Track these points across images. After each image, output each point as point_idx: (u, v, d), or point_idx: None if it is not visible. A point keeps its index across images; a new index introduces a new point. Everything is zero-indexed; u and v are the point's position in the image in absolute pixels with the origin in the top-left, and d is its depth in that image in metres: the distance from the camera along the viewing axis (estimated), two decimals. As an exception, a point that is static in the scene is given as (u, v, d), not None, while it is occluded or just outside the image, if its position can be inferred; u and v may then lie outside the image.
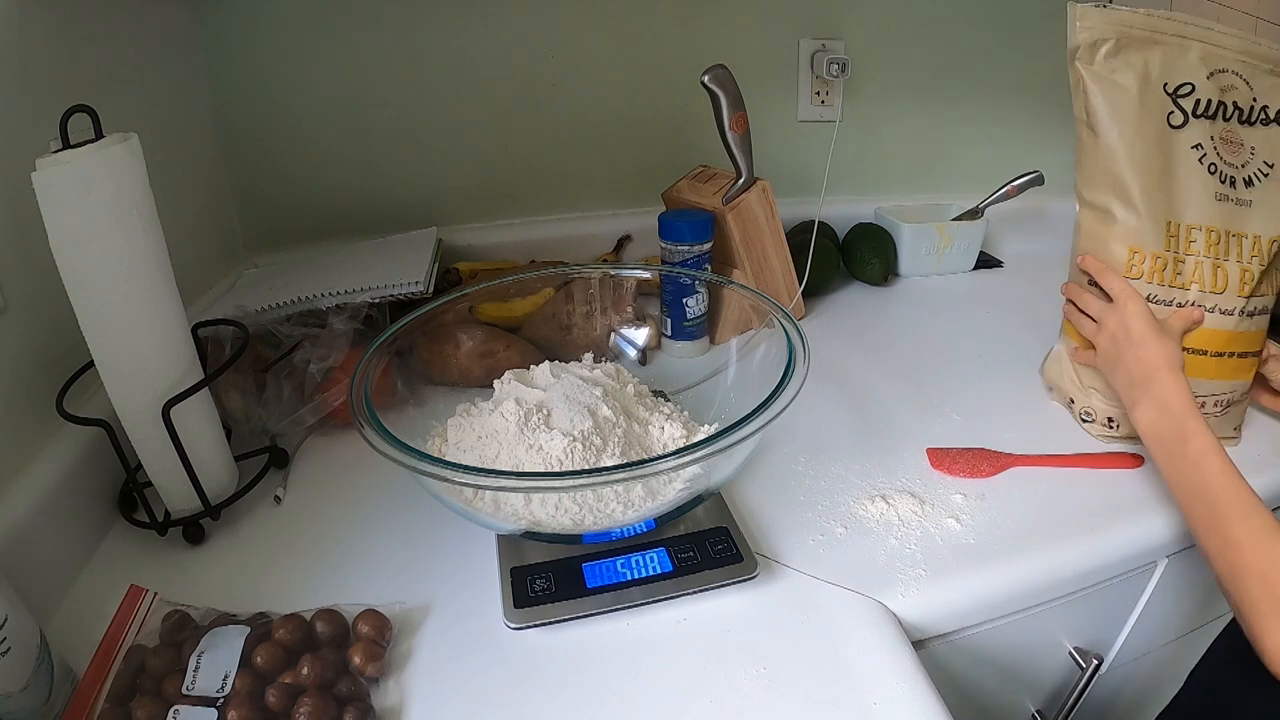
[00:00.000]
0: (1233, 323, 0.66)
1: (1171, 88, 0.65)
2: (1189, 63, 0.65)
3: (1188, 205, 0.65)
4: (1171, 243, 0.65)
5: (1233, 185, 0.65)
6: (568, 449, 0.52)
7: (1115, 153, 0.65)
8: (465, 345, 0.72)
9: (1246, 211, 0.65)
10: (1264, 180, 0.66)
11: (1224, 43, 0.66)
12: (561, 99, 0.98)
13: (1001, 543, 0.57)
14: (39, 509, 0.51)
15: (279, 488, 0.63)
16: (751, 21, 1.00)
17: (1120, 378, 0.62)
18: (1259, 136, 0.66)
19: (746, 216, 0.83)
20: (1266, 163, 0.66)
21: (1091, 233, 0.68)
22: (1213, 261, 0.65)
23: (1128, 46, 0.65)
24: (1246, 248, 0.65)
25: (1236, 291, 0.65)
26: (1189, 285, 0.65)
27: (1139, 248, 0.65)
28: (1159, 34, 0.65)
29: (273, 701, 0.42)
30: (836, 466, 0.65)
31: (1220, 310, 0.65)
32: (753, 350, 0.63)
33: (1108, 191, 0.66)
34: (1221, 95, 0.65)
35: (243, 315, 0.71)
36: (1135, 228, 0.65)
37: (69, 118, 0.47)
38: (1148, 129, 0.65)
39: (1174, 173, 0.65)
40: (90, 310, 0.49)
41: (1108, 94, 0.65)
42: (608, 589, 0.50)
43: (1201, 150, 0.65)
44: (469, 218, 1.01)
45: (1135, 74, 0.64)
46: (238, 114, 0.90)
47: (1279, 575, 0.47)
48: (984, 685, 0.62)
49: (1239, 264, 0.65)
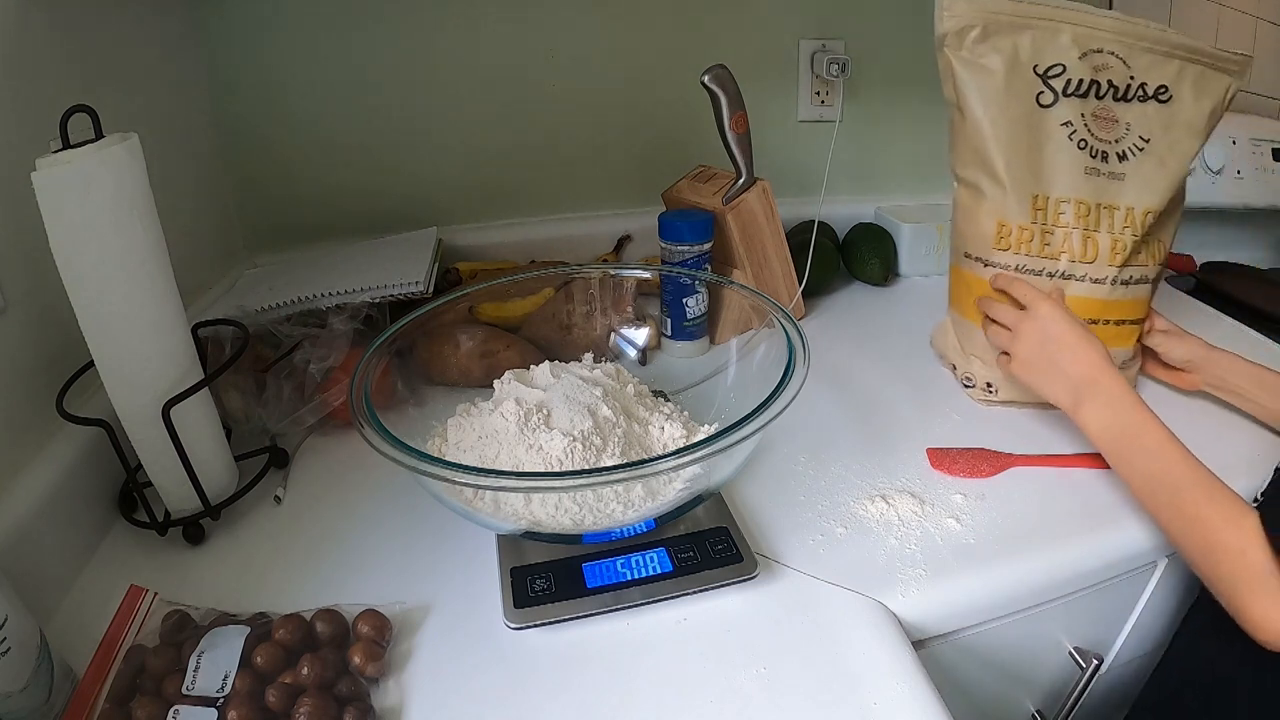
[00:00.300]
0: (1105, 291, 0.69)
1: (1042, 69, 0.68)
2: (1060, 44, 0.68)
3: (1056, 179, 0.68)
4: (1039, 215, 0.69)
5: (1104, 160, 0.69)
6: (568, 449, 0.52)
7: (982, 132, 0.69)
8: (465, 345, 0.72)
9: (1119, 185, 0.69)
10: (1139, 154, 0.69)
11: (1098, 24, 0.68)
12: (562, 99, 0.97)
13: (1001, 543, 0.57)
14: (39, 509, 0.51)
15: (279, 488, 0.63)
16: (751, 21, 1.00)
17: (1056, 382, 0.62)
18: (1135, 113, 0.69)
19: (746, 216, 0.83)
20: (1142, 137, 0.69)
21: (964, 208, 0.73)
22: (1082, 232, 0.68)
23: (996, 32, 0.68)
24: (1119, 219, 0.69)
25: (1107, 261, 0.69)
26: (1058, 255, 0.69)
27: (1006, 220, 0.69)
28: (1030, 19, 0.68)
29: (273, 701, 0.42)
30: (836, 466, 0.65)
31: (1091, 279, 0.69)
32: (753, 350, 0.63)
33: (976, 169, 0.70)
34: (1095, 74, 0.68)
35: (243, 315, 0.71)
36: (1002, 202, 0.69)
37: (69, 118, 0.47)
38: (1014, 109, 0.68)
39: (1043, 149, 0.68)
40: (90, 310, 0.49)
41: (975, 78, 0.68)
42: (608, 589, 0.50)
43: (1071, 127, 0.68)
44: (469, 218, 1.00)
45: (1003, 57, 0.68)
46: (238, 114, 0.90)
47: (1254, 550, 0.48)
48: (984, 685, 0.62)
49: (1110, 235, 0.68)
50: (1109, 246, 0.68)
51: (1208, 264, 1.06)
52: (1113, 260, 0.68)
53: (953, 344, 0.77)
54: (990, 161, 0.69)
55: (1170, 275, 1.04)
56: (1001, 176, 0.69)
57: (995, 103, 0.68)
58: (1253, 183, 1.07)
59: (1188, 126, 0.69)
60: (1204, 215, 1.09)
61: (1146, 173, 0.69)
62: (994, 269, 0.71)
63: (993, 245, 0.70)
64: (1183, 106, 0.69)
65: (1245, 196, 1.07)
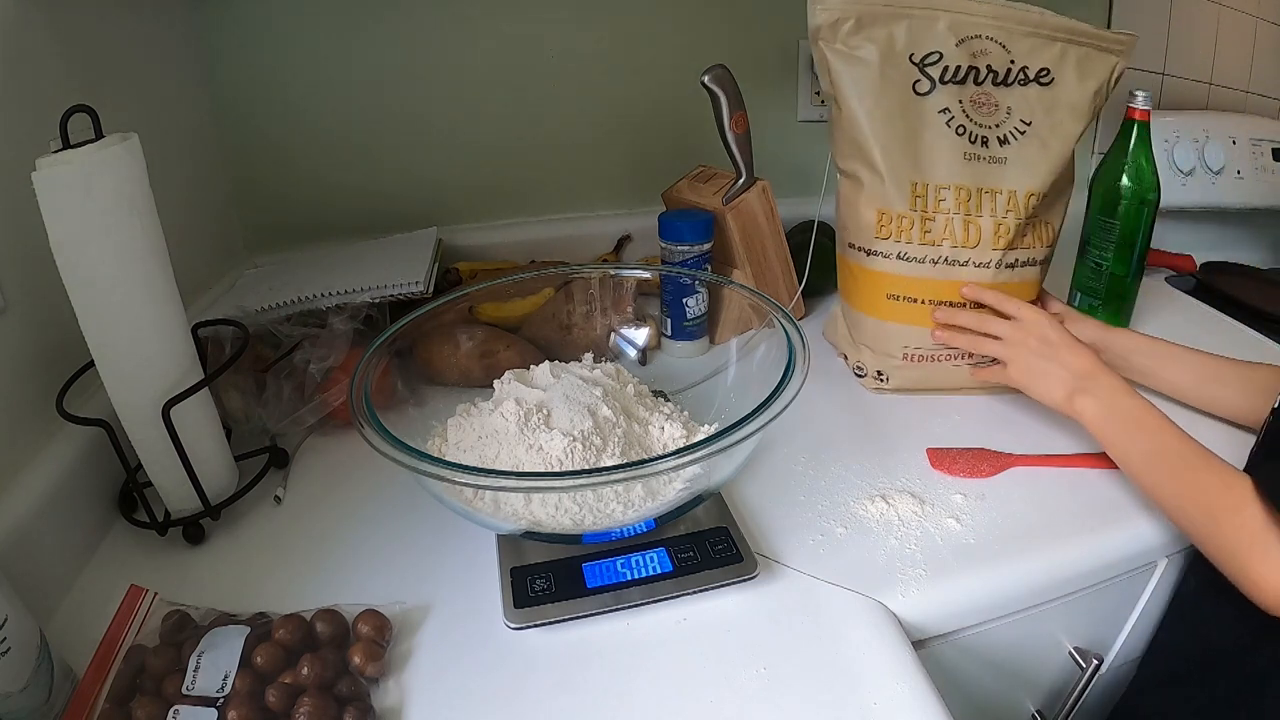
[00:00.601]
0: (989, 274, 0.70)
1: (918, 57, 0.69)
2: (937, 32, 0.69)
3: (935, 166, 0.69)
4: (918, 202, 0.69)
5: (984, 144, 0.69)
6: (568, 449, 0.52)
7: (858, 123, 0.69)
8: (465, 345, 0.72)
9: (1000, 169, 0.69)
10: (1020, 138, 0.70)
11: (976, 10, 0.69)
12: (562, 99, 0.97)
13: (1001, 543, 0.57)
14: (39, 509, 0.51)
15: (279, 488, 0.63)
16: (751, 21, 1.00)
17: (1053, 380, 0.63)
18: (1015, 96, 0.70)
19: (746, 216, 0.83)
20: (1024, 120, 0.70)
21: (847, 199, 0.74)
22: (963, 218, 0.69)
23: (870, 24, 0.68)
24: (1001, 203, 0.69)
25: (991, 245, 0.69)
26: (940, 242, 0.70)
27: (885, 209, 0.70)
28: (906, 8, 0.68)
29: (273, 701, 0.42)
30: (836, 466, 0.65)
31: (975, 264, 0.70)
32: (753, 350, 0.63)
33: (855, 160, 0.71)
34: (972, 60, 0.69)
35: (243, 315, 0.71)
36: (881, 191, 0.70)
37: (69, 118, 0.47)
38: (890, 98, 0.69)
39: (920, 137, 0.69)
40: (90, 310, 0.49)
41: (849, 69, 0.69)
42: (608, 589, 0.50)
43: (950, 114, 0.69)
44: (469, 218, 1.00)
45: (878, 48, 0.68)
46: (238, 114, 0.90)
47: (1250, 508, 0.49)
48: (984, 685, 0.62)
49: (993, 219, 0.69)
50: (991, 230, 0.69)
51: (1208, 264, 1.06)
52: (996, 244, 0.69)
53: (843, 334, 0.79)
54: (868, 152, 0.69)
55: (1170, 275, 1.04)
56: (879, 166, 0.69)
57: (870, 93, 0.69)
58: (1253, 183, 1.07)
59: (1071, 108, 0.70)
60: (1204, 215, 1.09)
61: (1028, 156, 0.70)
62: (878, 257, 0.72)
63: (875, 234, 0.71)
64: (1065, 88, 0.70)
65: (1245, 196, 1.07)
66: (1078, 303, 0.88)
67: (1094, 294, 0.87)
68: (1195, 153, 1.06)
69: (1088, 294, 0.87)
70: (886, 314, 0.73)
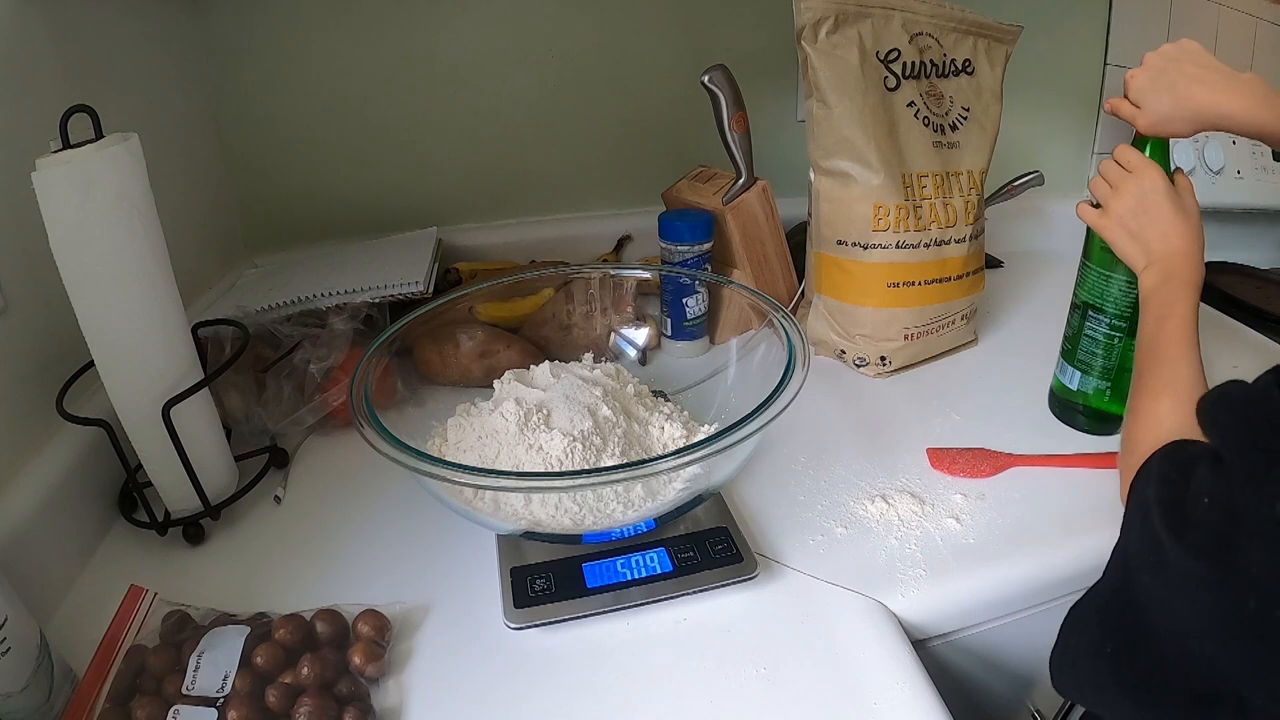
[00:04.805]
0: (965, 248, 0.76)
1: (883, 55, 0.73)
2: (893, 30, 0.73)
3: (913, 156, 0.74)
4: (909, 193, 0.73)
5: (943, 131, 0.75)
6: (568, 449, 0.52)
7: (848, 121, 0.71)
8: (465, 345, 0.72)
9: (958, 152, 0.76)
10: (965, 123, 0.76)
11: (917, 8, 0.73)
12: (561, 99, 0.97)
13: (1001, 543, 0.57)
14: (39, 509, 0.51)
15: (279, 488, 0.63)
16: (751, 21, 1.00)
17: (1136, 247, 0.62)
18: (954, 86, 0.76)
19: (746, 216, 0.83)
20: (964, 108, 0.76)
21: (831, 197, 0.75)
22: (941, 201, 0.74)
23: (845, 22, 0.71)
24: (963, 183, 0.76)
25: (964, 221, 0.76)
26: (929, 226, 0.74)
27: (883, 203, 0.72)
28: (868, 6, 0.71)
29: (273, 701, 0.42)
30: (836, 466, 0.65)
31: (955, 240, 0.76)
32: (753, 350, 0.63)
33: (843, 158, 0.73)
34: (921, 55, 0.74)
35: (243, 315, 0.71)
36: (879, 186, 0.72)
37: (69, 118, 0.47)
38: (872, 95, 0.72)
39: (898, 130, 0.73)
40: (90, 310, 0.49)
41: (833, 68, 0.71)
42: (608, 589, 0.50)
43: (915, 107, 0.74)
44: (469, 218, 1.00)
45: (856, 47, 0.71)
46: (238, 114, 0.90)
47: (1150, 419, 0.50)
48: (984, 685, 0.62)
49: (961, 197, 0.75)
50: (962, 208, 0.75)
51: (1208, 264, 1.05)
52: (966, 220, 0.76)
53: (833, 329, 0.79)
54: (861, 148, 0.71)
55: (1170, 275, 1.04)
56: (875, 161, 0.71)
57: (858, 91, 0.71)
58: (1253, 183, 1.07)
59: (991, 93, 0.78)
60: (1204, 215, 1.09)
61: (973, 138, 0.76)
62: (876, 250, 0.74)
63: (871, 228, 0.73)
64: (984, 76, 0.77)
65: (1245, 196, 1.07)
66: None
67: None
68: (1195, 153, 1.06)
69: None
70: (888, 301, 0.76)
